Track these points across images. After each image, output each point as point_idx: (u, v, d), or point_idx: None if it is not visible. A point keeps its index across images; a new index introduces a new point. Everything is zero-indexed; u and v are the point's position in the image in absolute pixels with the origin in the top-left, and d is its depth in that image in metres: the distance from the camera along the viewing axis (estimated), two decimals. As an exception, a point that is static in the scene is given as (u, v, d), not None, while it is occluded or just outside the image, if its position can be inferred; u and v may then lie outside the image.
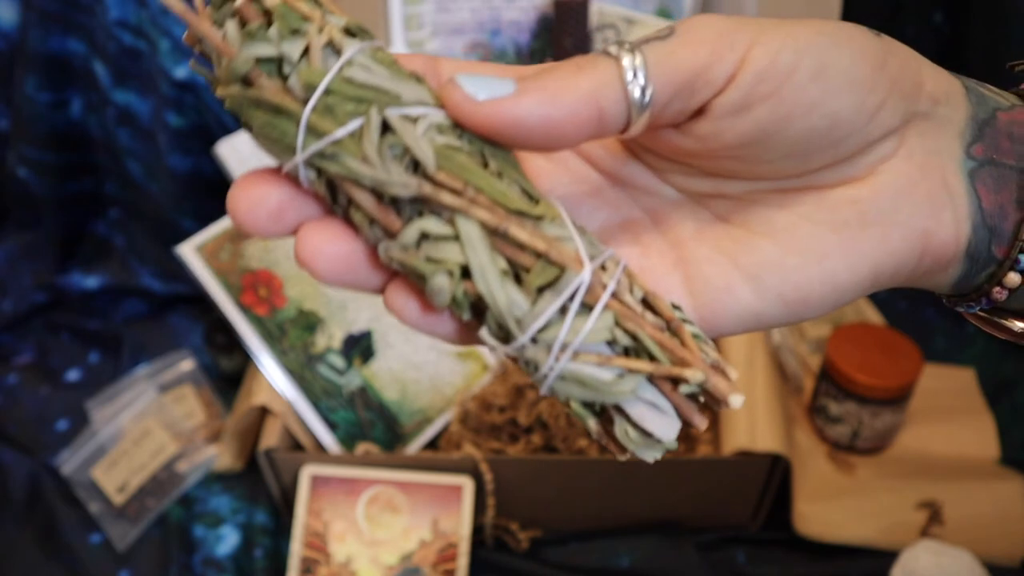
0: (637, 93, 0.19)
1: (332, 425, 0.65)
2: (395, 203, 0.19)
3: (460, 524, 0.60)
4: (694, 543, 0.64)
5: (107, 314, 0.88)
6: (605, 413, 0.20)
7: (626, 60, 0.19)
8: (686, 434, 0.67)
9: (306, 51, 0.19)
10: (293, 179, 0.20)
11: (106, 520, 0.66)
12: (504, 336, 0.19)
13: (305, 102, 0.18)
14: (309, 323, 0.66)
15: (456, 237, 0.19)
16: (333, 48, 0.19)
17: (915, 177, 0.21)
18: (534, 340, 0.19)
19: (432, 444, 0.70)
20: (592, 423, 0.20)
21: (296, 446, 0.65)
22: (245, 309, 0.63)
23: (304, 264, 0.20)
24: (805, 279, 0.21)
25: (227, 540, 0.66)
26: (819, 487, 0.66)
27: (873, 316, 0.79)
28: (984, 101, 0.22)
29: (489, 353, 0.72)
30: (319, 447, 0.65)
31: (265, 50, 0.19)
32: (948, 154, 0.22)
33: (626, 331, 0.19)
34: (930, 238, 0.21)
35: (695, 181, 0.23)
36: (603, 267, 0.20)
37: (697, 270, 0.22)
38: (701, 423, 0.20)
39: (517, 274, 0.19)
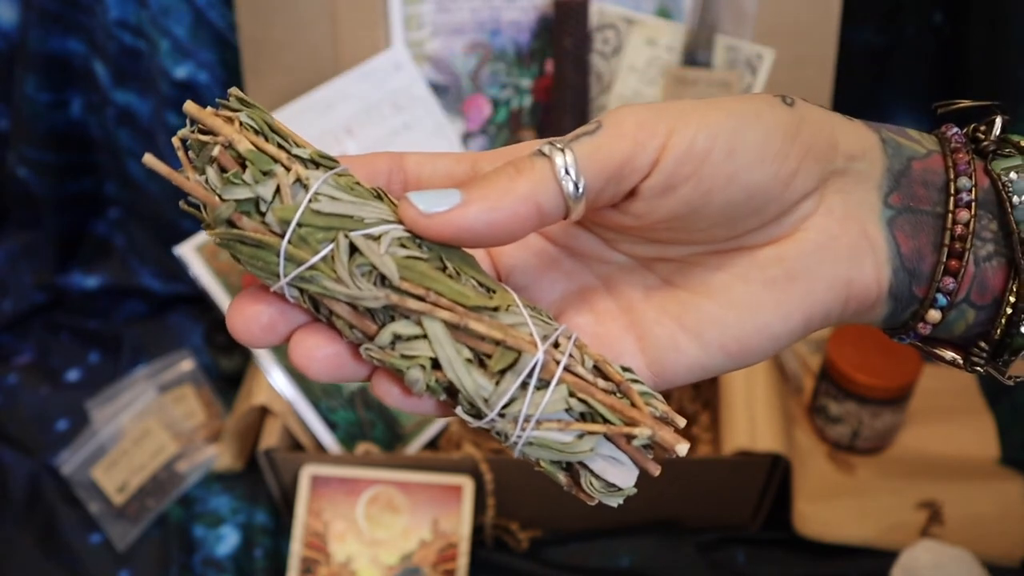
0: (571, 187, 0.22)
1: (332, 425, 0.65)
2: (370, 311, 0.22)
3: (460, 524, 0.60)
4: (694, 543, 0.64)
5: (107, 314, 0.88)
6: (572, 468, 0.23)
7: (558, 159, 0.22)
8: (686, 433, 0.67)
9: (278, 190, 0.22)
10: (281, 296, 0.23)
11: (106, 520, 0.66)
12: (476, 413, 0.22)
13: (282, 235, 0.21)
14: (309, 323, 0.66)
15: (424, 336, 0.22)
16: (301, 183, 0.22)
17: (835, 231, 0.23)
18: (501, 415, 0.22)
19: (432, 444, 0.70)
20: (561, 477, 0.23)
21: (296, 446, 0.65)
22: (245, 309, 0.63)
23: (298, 366, 0.23)
24: (743, 332, 0.24)
25: (227, 540, 0.66)
26: (819, 487, 0.66)
27: (873, 316, 0.79)
28: (900, 151, 0.24)
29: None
30: (319, 447, 0.65)
31: (243, 193, 0.21)
32: (867, 206, 0.24)
33: (580, 399, 0.22)
34: (853, 286, 0.24)
35: (640, 247, 0.26)
36: (556, 344, 0.23)
37: (647, 331, 0.25)
38: (655, 470, 0.23)
39: (481, 360, 0.22)
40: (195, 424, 0.73)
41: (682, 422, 0.23)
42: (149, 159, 0.22)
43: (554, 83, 0.76)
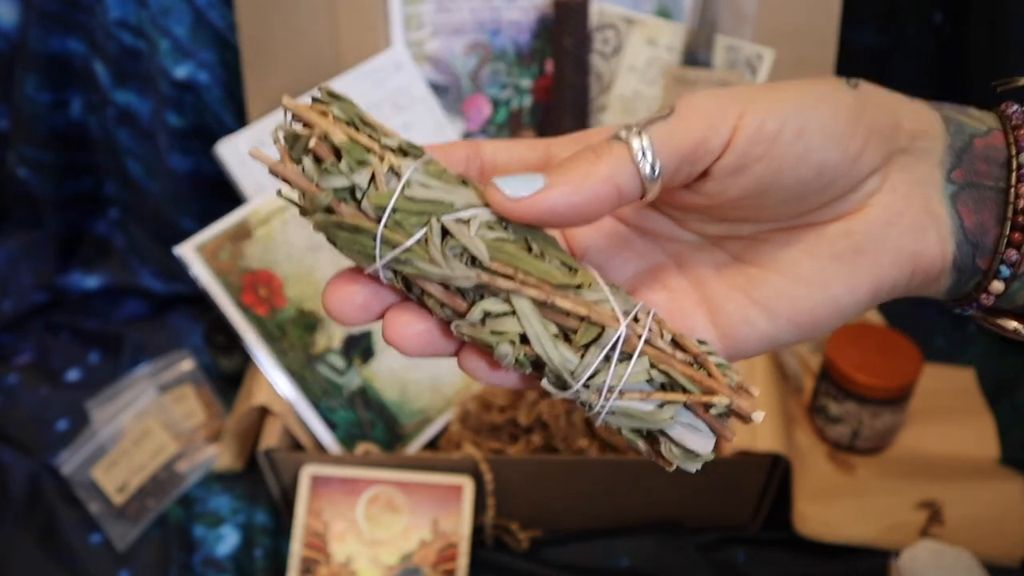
0: (647, 170, 0.23)
1: (332, 425, 0.65)
2: (460, 290, 0.23)
3: (460, 524, 0.60)
4: (694, 543, 0.64)
5: (107, 314, 0.87)
6: (652, 436, 0.25)
7: (635, 143, 0.23)
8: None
9: (372, 178, 0.23)
10: (373, 277, 0.24)
11: (106, 520, 0.66)
12: (561, 385, 0.24)
13: (378, 220, 0.23)
14: (309, 323, 0.66)
15: (513, 312, 0.23)
16: (393, 171, 0.23)
17: (900, 207, 0.24)
18: (586, 386, 0.23)
19: (432, 444, 0.70)
20: (641, 445, 0.25)
21: (296, 446, 0.65)
22: (245, 309, 0.63)
23: (392, 343, 0.24)
24: (812, 305, 0.25)
25: (227, 540, 0.66)
26: (819, 487, 0.66)
27: (873, 316, 0.79)
28: (961, 129, 0.25)
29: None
30: (319, 447, 0.65)
31: (340, 182, 0.23)
32: (930, 182, 0.25)
33: (660, 371, 0.24)
34: (918, 258, 0.24)
35: (710, 226, 0.27)
36: (636, 319, 0.24)
37: (718, 306, 0.26)
38: (731, 436, 0.24)
39: (566, 335, 0.23)
40: (195, 424, 0.73)
41: (757, 391, 0.24)
42: (255, 151, 0.24)
43: (554, 83, 0.76)
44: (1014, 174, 0.24)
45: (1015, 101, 0.25)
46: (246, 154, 0.70)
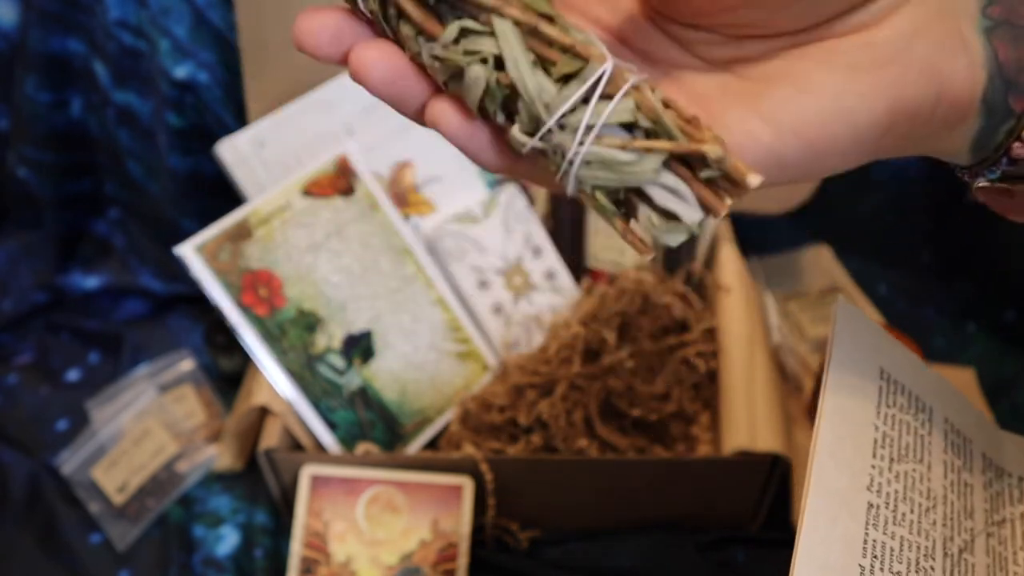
0: None
1: (332, 425, 0.65)
2: (437, 13, 0.21)
3: (460, 524, 0.60)
4: (694, 543, 0.64)
5: (107, 314, 0.87)
6: (629, 205, 0.22)
7: None
8: (686, 434, 0.67)
9: None
10: (349, 9, 0.22)
11: (106, 520, 0.66)
12: (533, 127, 0.21)
13: None
14: (309, 323, 0.66)
15: (491, 33, 0.21)
16: None
17: (929, 21, 0.22)
18: (561, 126, 0.21)
19: (432, 444, 0.70)
20: (618, 221, 0.22)
21: (296, 446, 0.65)
22: (245, 309, 0.63)
23: (357, 76, 0.22)
24: (822, 117, 0.22)
25: (227, 540, 0.66)
26: (819, 487, 0.66)
27: (873, 316, 0.79)
28: None
29: (506, 353, 0.72)
30: (319, 447, 0.65)
31: None
32: (964, 12, 0.22)
33: (646, 116, 0.21)
34: (945, 81, 0.22)
35: (719, 49, 0.24)
36: (627, 71, 0.21)
37: (719, 120, 0.23)
38: (721, 208, 0.21)
39: (546, 68, 0.21)
40: (195, 424, 0.73)
41: (754, 172, 0.21)
42: None
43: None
44: None
45: None
46: (246, 154, 0.70)
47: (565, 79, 0.21)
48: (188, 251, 0.62)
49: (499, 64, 0.21)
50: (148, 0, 0.74)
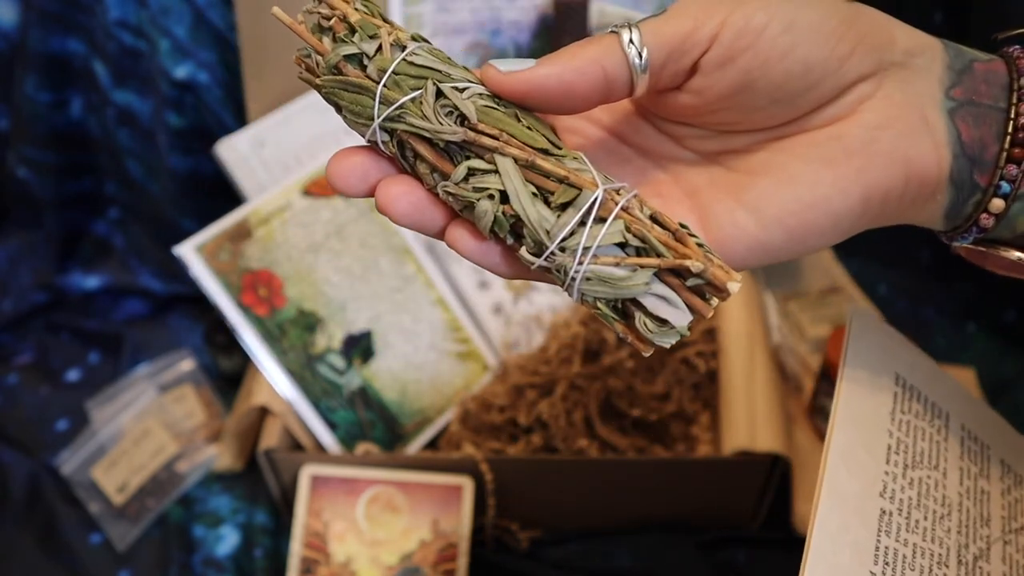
0: (635, 57, 0.24)
1: (332, 425, 0.65)
2: (448, 152, 0.25)
3: (460, 524, 0.60)
4: (694, 543, 0.64)
5: (107, 314, 0.87)
6: (627, 313, 0.24)
7: (624, 33, 0.24)
8: (686, 434, 0.67)
9: (379, 48, 0.25)
10: (374, 150, 0.26)
11: (106, 520, 0.66)
12: (538, 250, 0.24)
13: (379, 81, 0.25)
14: (309, 323, 0.66)
15: (495, 170, 0.24)
16: (399, 45, 0.25)
17: (893, 114, 0.24)
18: (562, 248, 0.24)
19: (432, 444, 0.70)
20: (618, 324, 0.24)
21: (296, 446, 0.65)
22: (245, 309, 0.63)
23: (383, 209, 0.25)
24: (801, 207, 0.24)
25: (227, 540, 0.66)
26: (819, 487, 0.66)
27: (873, 316, 0.79)
28: (961, 54, 0.25)
29: (506, 353, 0.72)
30: (319, 447, 0.65)
31: (350, 49, 0.25)
32: (927, 96, 0.25)
33: (635, 235, 0.24)
34: (912, 164, 0.24)
35: (707, 142, 0.27)
36: (617, 192, 0.24)
37: (709, 211, 0.26)
38: (707, 312, 0.24)
39: (545, 197, 0.24)
40: (195, 424, 0.73)
41: (737, 275, 0.23)
42: (276, 11, 0.25)
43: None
44: (1015, 94, 0.24)
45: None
46: (246, 154, 0.70)
47: (563, 207, 0.24)
48: (188, 251, 0.62)
49: (504, 197, 0.24)
50: (148, 0, 0.74)
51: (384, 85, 0.24)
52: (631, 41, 0.24)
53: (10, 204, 0.86)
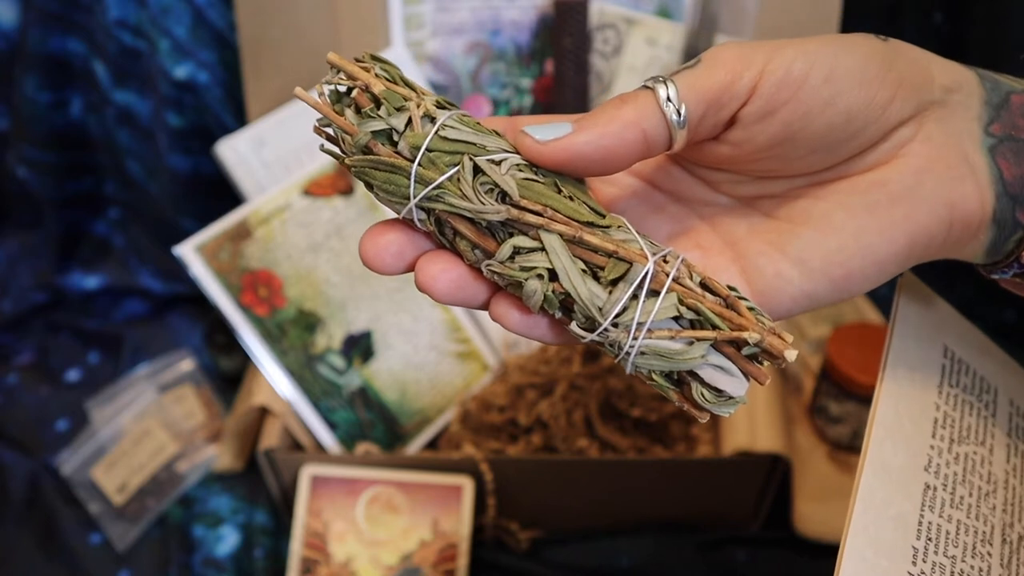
0: (673, 115, 0.23)
1: (332, 425, 0.65)
2: (490, 229, 0.24)
3: (460, 524, 0.60)
4: (694, 543, 0.64)
5: (107, 314, 0.87)
6: (682, 383, 0.24)
7: (661, 90, 0.23)
8: (686, 434, 0.67)
9: (409, 121, 0.24)
10: (408, 224, 0.25)
11: (106, 520, 0.66)
12: (590, 325, 0.23)
13: (413, 159, 0.23)
14: (309, 323, 0.66)
15: (542, 248, 0.23)
16: (429, 117, 0.24)
17: (935, 156, 0.24)
18: (615, 324, 0.23)
19: (432, 444, 0.70)
20: (673, 393, 0.24)
21: (296, 446, 0.65)
22: (245, 309, 0.63)
23: (424, 289, 0.24)
24: (846, 256, 0.24)
25: (227, 540, 0.66)
26: (819, 487, 0.66)
27: (873, 316, 0.79)
28: (998, 86, 0.25)
29: (506, 353, 0.72)
30: (319, 447, 0.65)
31: (378, 125, 0.24)
32: (967, 134, 0.24)
33: (689, 307, 0.23)
34: (956, 208, 0.24)
35: (743, 186, 0.26)
36: (665, 260, 0.24)
37: (751, 263, 0.25)
38: (764, 379, 0.23)
39: (594, 272, 0.23)
40: (195, 424, 0.73)
41: (790, 337, 0.23)
42: (300, 92, 0.24)
43: (554, 83, 0.76)
44: None
45: None
46: (246, 154, 0.70)
47: (613, 282, 0.23)
48: (188, 251, 0.62)
49: (553, 275, 0.23)
50: (148, 0, 0.74)
51: (419, 164, 0.23)
52: (668, 99, 0.23)
53: (10, 204, 0.86)
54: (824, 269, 0.24)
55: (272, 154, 0.70)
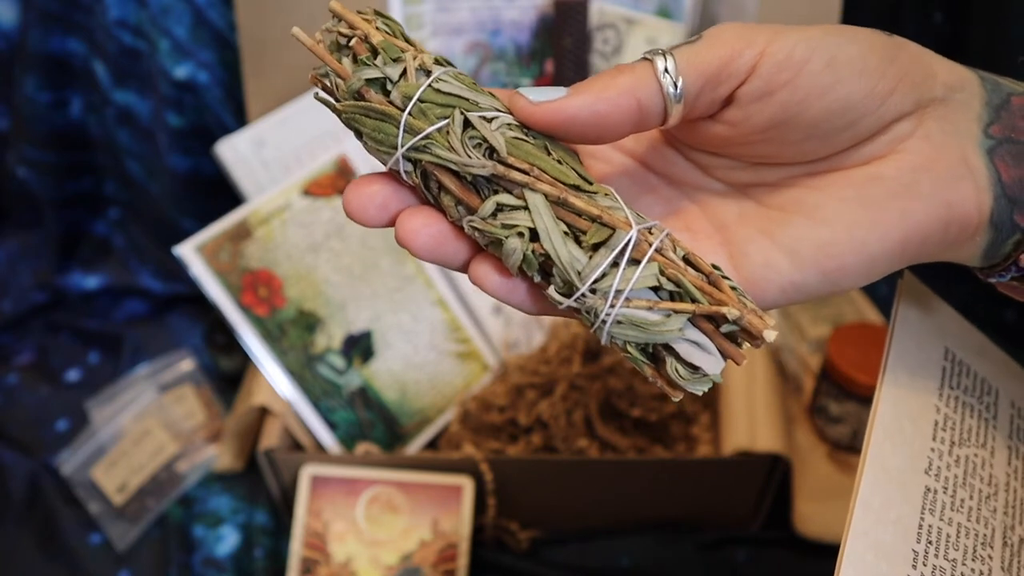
0: (670, 87, 0.23)
1: (332, 425, 0.65)
2: (475, 185, 0.23)
3: (460, 524, 0.60)
4: (694, 543, 0.64)
5: (107, 314, 0.87)
6: (657, 357, 0.23)
7: (659, 62, 0.23)
8: (686, 434, 0.67)
9: (404, 72, 0.24)
10: (395, 178, 0.25)
11: (106, 520, 0.66)
12: (567, 290, 0.23)
13: (404, 109, 0.23)
14: (309, 323, 0.66)
15: (525, 207, 0.23)
16: (424, 70, 0.24)
17: (934, 154, 0.23)
18: (592, 290, 0.23)
19: (432, 444, 0.70)
20: (648, 368, 0.23)
21: (296, 446, 0.65)
22: (245, 309, 0.63)
23: (403, 242, 0.24)
24: (837, 249, 0.23)
25: (227, 540, 0.66)
26: (819, 487, 0.66)
27: (873, 316, 0.79)
28: (998, 87, 0.25)
29: (506, 353, 0.72)
30: (319, 447, 0.65)
31: (373, 73, 0.24)
32: (966, 134, 0.24)
33: (670, 279, 0.23)
34: (953, 208, 0.23)
35: (737, 173, 0.26)
36: (650, 231, 0.23)
37: (740, 249, 0.25)
38: (740, 359, 0.23)
39: (576, 236, 0.23)
40: (195, 424, 0.73)
41: (771, 319, 0.22)
42: (296, 31, 0.24)
43: (554, 83, 0.75)
44: None
45: None
46: (246, 154, 0.70)
47: (595, 247, 0.23)
48: (188, 251, 0.62)
49: (534, 235, 0.23)
50: (148, 0, 0.74)
51: (409, 113, 0.23)
52: (666, 70, 0.23)
53: (10, 204, 0.86)
54: (814, 260, 0.24)
55: (272, 154, 0.70)
